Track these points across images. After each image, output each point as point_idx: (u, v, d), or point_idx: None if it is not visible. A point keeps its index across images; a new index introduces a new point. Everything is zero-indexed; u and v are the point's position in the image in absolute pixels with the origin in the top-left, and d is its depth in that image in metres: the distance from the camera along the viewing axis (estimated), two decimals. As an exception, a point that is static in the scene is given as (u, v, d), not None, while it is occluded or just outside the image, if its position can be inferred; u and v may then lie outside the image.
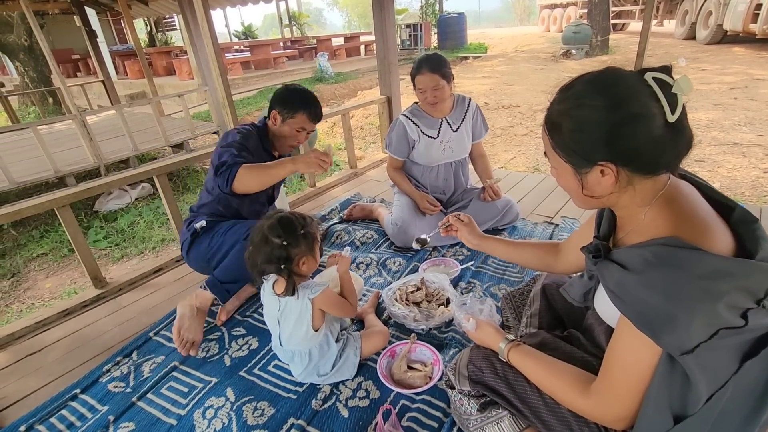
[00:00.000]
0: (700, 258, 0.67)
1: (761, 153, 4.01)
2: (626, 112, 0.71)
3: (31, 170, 4.41)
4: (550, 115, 0.81)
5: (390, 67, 3.46)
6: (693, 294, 0.65)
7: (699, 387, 0.69)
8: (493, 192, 2.25)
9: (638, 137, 0.71)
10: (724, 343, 0.66)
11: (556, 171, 0.85)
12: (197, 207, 1.94)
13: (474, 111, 2.28)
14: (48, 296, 3.19)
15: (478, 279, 1.91)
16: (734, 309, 0.65)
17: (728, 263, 0.67)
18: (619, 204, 0.81)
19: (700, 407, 0.70)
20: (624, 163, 0.74)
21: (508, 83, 8.20)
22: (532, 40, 15.02)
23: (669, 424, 0.72)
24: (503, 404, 1.01)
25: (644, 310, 0.70)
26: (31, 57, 8.86)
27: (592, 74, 0.77)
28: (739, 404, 0.71)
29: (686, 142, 0.73)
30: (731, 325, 0.65)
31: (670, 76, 0.71)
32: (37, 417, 1.40)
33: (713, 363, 0.68)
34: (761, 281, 0.66)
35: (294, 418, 1.31)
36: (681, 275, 0.67)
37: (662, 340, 0.68)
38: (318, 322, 1.36)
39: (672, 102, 0.70)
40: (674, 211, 0.74)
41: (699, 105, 5.69)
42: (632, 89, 0.72)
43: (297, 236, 1.29)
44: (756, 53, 8.56)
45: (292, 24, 16.36)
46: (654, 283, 0.69)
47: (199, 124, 6.19)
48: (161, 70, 11.84)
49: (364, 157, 4.00)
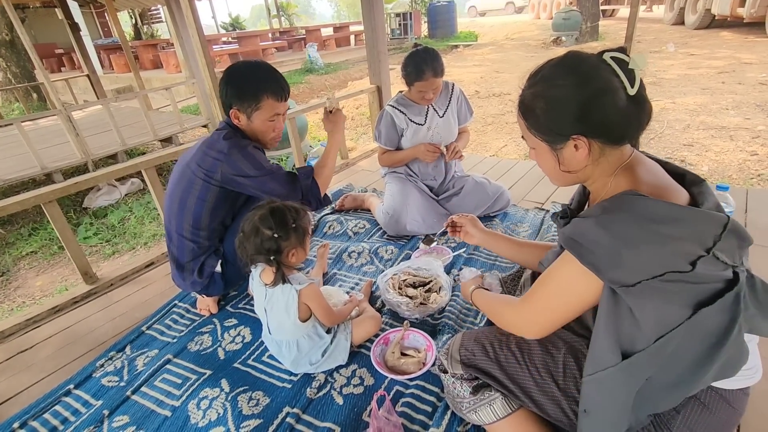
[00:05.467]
0: (650, 204, 0.74)
1: (748, 136, 4.05)
2: (593, 88, 0.79)
3: (17, 168, 4.35)
4: (523, 99, 0.88)
5: (380, 56, 3.43)
6: (640, 235, 0.72)
7: (645, 326, 0.75)
8: (453, 152, 2.19)
9: (606, 110, 0.79)
10: (673, 287, 0.71)
11: (534, 151, 0.93)
12: (191, 256, 1.65)
13: (458, 95, 2.28)
14: (39, 294, 3.16)
15: (470, 265, 1.92)
16: (683, 254, 0.71)
17: (677, 210, 0.73)
18: (592, 177, 0.88)
19: (648, 346, 0.75)
20: (595, 135, 0.81)
21: (498, 71, 8.18)
22: (522, 28, 14.95)
23: (618, 359, 0.78)
24: (495, 386, 1.02)
25: (593, 248, 0.76)
26: (13, 52, 8.67)
27: (557, 59, 0.85)
28: (691, 350, 0.75)
29: (647, 113, 0.81)
30: (678, 269, 0.70)
31: (626, 56, 0.79)
32: (31, 413, 1.40)
33: (662, 306, 0.73)
34: (708, 229, 0.71)
35: (289, 406, 1.32)
36: (630, 217, 0.73)
37: (606, 275, 0.75)
38: (304, 315, 1.36)
39: (630, 77, 0.78)
40: (635, 175, 0.82)
41: (688, 90, 5.72)
42: (595, 68, 0.80)
43: (288, 229, 1.28)
44: (744, 37, 8.59)
45: (280, 15, 16.15)
46: (605, 223, 0.75)
47: (187, 117, 6.12)
48: (148, 64, 11.65)
49: (356, 147, 3.98)
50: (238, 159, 1.50)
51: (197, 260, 1.66)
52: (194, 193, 1.56)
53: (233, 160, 1.50)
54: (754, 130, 4.15)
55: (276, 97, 1.54)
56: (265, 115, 1.55)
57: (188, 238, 1.62)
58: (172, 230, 1.65)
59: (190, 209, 1.58)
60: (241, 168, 1.51)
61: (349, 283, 1.91)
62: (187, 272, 1.67)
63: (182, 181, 1.59)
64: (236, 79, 1.52)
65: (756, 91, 5.33)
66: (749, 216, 2.13)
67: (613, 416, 0.81)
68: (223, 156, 1.50)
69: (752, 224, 2.06)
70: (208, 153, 1.53)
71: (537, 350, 0.98)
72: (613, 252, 0.73)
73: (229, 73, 1.54)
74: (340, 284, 1.90)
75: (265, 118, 1.56)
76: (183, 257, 1.66)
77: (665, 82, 6.23)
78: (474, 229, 1.44)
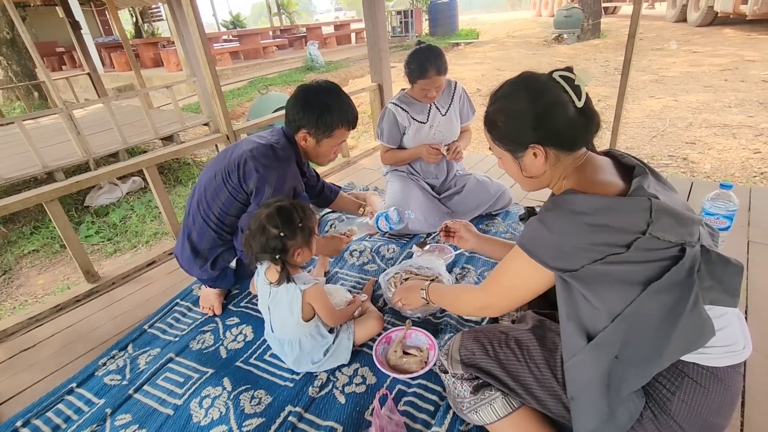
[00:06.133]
0: (580, 199, 0.84)
1: (751, 134, 4.03)
2: (545, 102, 0.89)
3: (19, 166, 4.34)
4: (487, 115, 0.99)
5: (381, 54, 3.42)
6: (573, 227, 0.82)
7: (602, 307, 0.83)
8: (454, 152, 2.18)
9: (557, 120, 0.89)
10: (618, 268, 0.80)
11: (501, 161, 1.03)
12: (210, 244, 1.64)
13: (461, 94, 2.27)
14: (41, 292, 3.16)
15: (472, 264, 1.92)
16: (617, 238, 0.79)
17: (604, 201, 0.82)
18: (552, 180, 0.97)
19: (607, 326, 0.83)
20: (550, 143, 0.91)
21: (500, 69, 8.15)
22: (524, 26, 14.91)
23: (584, 342, 0.86)
24: (496, 385, 1.03)
25: (537, 243, 0.88)
26: (13, 50, 8.65)
27: (514, 78, 0.97)
28: (650, 325, 0.81)
29: (595, 123, 0.92)
30: (615, 252, 0.79)
31: (573, 74, 0.90)
32: (34, 412, 1.40)
33: (613, 287, 0.81)
34: (636, 213, 0.79)
35: (291, 405, 1.32)
36: (564, 213, 0.84)
37: (550, 264, 0.86)
38: (307, 315, 1.36)
39: (577, 92, 0.88)
40: (581, 175, 0.91)
41: (690, 87, 5.71)
42: (546, 84, 0.91)
43: (294, 228, 1.28)
44: (746, 35, 8.56)
45: (281, 12, 16.12)
46: (544, 220, 0.87)
47: (188, 116, 6.11)
48: (149, 62, 11.64)
49: (357, 146, 3.97)
50: (271, 182, 1.49)
51: (214, 250, 1.65)
52: (228, 188, 1.55)
53: (266, 180, 1.49)
54: (757, 128, 4.14)
55: (348, 126, 1.60)
56: (335, 142, 1.61)
57: (212, 227, 1.61)
58: (198, 215, 1.62)
59: (221, 201, 1.57)
60: (264, 188, 1.49)
61: (350, 282, 1.91)
62: (201, 260, 1.65)
63: (223, 172, 1.55)
64: (314, 104, 1.52)
65: (759, 88, 5.30)
66: (752, 214, 2.12)
67: (593, 398, 0.86)
68: (264, 170, 1.49)
69: (755, 223, 2.05)
70: (255, 159, 1.50)
71: (535, 346, 1.00)
72: (552, 245, 0.85)
73: (306, 97, 1.53)
74: (342, 283, 1.90)
75: (334, 145, 1.61)
76: (201, 244, 1.64)
77: (667, 80, 6.21)
78: (468, 234, 1.50)
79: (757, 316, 1.50)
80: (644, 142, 4.18)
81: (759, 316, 1.50)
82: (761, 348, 1.36)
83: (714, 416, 0.85)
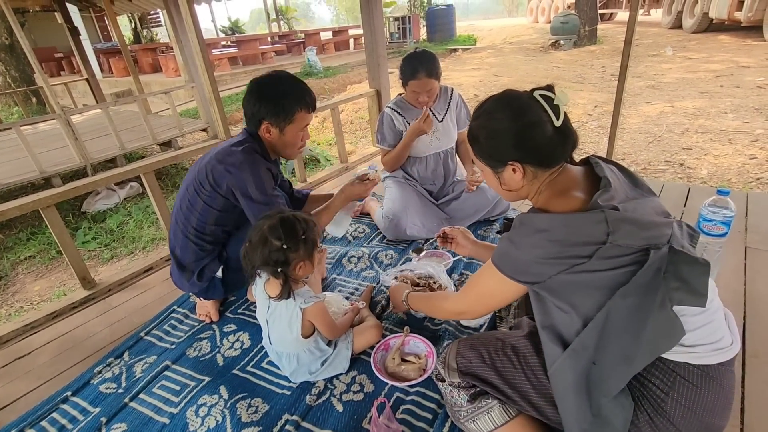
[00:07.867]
0: (540, 218, 0.89)
1: (747, 140, 4.05)
2: (525, 121, 0.92)
3: (16, 171, 4.34)
4: (471, 129, 1.01)
5: (379, 60, 3.44)
6: (536, 244, 0.87)
7: (574, 315, 0.86)
8: (474, 182, 2.28)
9: (536, 140, 0.92)
10: (585, 277, 0.83)
11: (483, 173, 1.06)
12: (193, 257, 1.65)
13: (457, 100, 2.28)
14: (37, 299, 3.14)
15: (471, 270, 1.92)
16: (578, 250, 0.82)
17: (561, 218, 0.86)
18: (530, 194, 1.01)
19: (580, 331, 0.86)
20: (528, 161, 0.94)
21: (497, 75, 8.19)
22: (521, 32, 15.00)
23: (561, 349, 0.89)
24: (493, 392, 1.02)
25: (506, 259, 0.94)
26: (12, 56, 8.65)
27: (497, 95, 0.99)
28: (621, 328, 0.83)
29: (572, 141, 0.95)
30: (578, 262, 0.82)
31: (553, 93, 0.92)
32: (28, 421, 1.38)
33: (582, 295, 0.85)
34: (593, 225, 0.81)
35: (288, 414, 1.31)
36: (527, 231, 0.89)
37: (519, 279, 0.92)
38: (307, 332, 1.35)
39: (556, 111, 0.90)
40: (550, 191, 0.95)
41: (686, 93, 5.74)
42: (526, 103, 0.93)
43: (297, 240, 1.25)
44: (741, 41, 8.63)
45: (279, 18, 16.19)
46: (513, 238, 0.92)
47: (186, 121, 6.12)
48: (147, 68, 11.66)
49: (355, 151, 3.98)
50: (247, 177, 1.50)
51: (199, 263, 1.66)
52: (202, 198, 1.56)
53: (242, 177, 1.49)
54: (753, 134, 4.16)
55: (307, 109, 1.58)
56: (297, 128, 1.58)
57: (192, 240, 1.63)
58: (178, 230, 1.64)
59: (197, 213, 1.59)
60: (246, 186, 1.50)
61: (348, 288, 1.90)
62: (188, 273, 1.67)
63: (194, 183, 1.58)
64: (269, 94, 1.52)
65: (754, 94, 5.34)
66: (749, 220, 2.12)
67: (575, 404, 0.87)
68: (234, 169, 1.49)
69: (753, 228, 2.05)
70: (221, 162, 1.52)
71: (531, 353, 1.00)
72: (519, 261, 0.90)
73: (259, 89, 1.54)
74: (340, 289, 1.89)
75: (297, 130, 1.59)
76: (185, 258, 1.66)
77: (663, 86, 6.25)
78: (465, 240, 1.53)
79: (755, 322, 1.50)
80: (641, 148, 4.20)
81: (758, 322, 1.50)
82: (761, 354, 1.36)
83: (710, 416, 0.85)
